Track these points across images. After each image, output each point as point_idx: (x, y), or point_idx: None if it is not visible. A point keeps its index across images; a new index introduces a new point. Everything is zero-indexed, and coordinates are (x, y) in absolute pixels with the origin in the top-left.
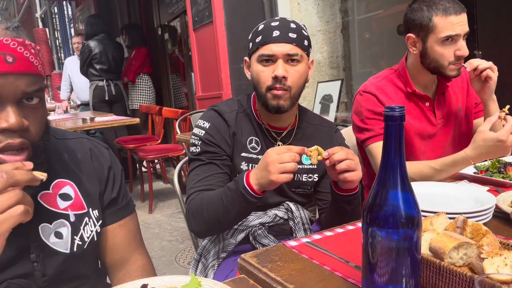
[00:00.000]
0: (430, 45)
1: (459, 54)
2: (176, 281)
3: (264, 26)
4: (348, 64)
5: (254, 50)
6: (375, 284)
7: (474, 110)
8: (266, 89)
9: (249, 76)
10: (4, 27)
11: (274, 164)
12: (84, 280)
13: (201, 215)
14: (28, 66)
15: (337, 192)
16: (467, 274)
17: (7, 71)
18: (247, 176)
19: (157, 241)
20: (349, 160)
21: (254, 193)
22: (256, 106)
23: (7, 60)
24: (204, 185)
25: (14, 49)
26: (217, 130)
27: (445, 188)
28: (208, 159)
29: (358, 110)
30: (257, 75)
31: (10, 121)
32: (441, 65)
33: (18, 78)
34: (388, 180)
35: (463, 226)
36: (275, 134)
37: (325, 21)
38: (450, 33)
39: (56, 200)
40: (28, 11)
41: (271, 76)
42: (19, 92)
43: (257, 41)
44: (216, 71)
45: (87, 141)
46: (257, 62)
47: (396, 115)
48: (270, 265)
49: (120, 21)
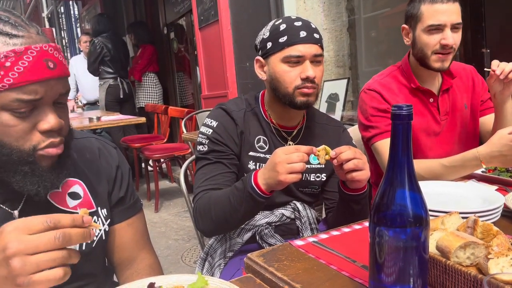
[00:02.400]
0: (418, 34)
1: (444, 43)
2: (183, 280)
3: (287, 26)
4: (354, 63)
5: (277, 50)
6: (383, 283)
7: (480, 108)
8: (294, 88)
9: (262, 76)
10: (35, 32)
11: (283, 164)
12: (92, 278)
13: (209, 214)
14: (65, 70)
15: (345, 191)
16: (472, 274)
17: (50, 77)
18: (255, 175)
19: (163, 240)
20: (357, 159)
21: (262, 193)
22: (265, 106)
23: (49, 66)
24: (211, 184)
25: (52, 55)
26: (224, 129)
27: (453, 187)
28: (216, 158)
29: (363, 108)
30: (281, 75)
31: (52, 123)
32: (425, 55)
33: (57, 82)
34: (396, 179)
35: (474, 226)
36: (284, 133)
37: (331, 20)
38: (434, 21)
39: (66, 199)
40: (35, 11)
41: (299, 77)
42: (57, 95)
43: (282, 41)
44: (222, 70)
45: (96, 141)
46: (281, 63)
47: (404, 113)
48: (277, 264)
49: (126, 20)
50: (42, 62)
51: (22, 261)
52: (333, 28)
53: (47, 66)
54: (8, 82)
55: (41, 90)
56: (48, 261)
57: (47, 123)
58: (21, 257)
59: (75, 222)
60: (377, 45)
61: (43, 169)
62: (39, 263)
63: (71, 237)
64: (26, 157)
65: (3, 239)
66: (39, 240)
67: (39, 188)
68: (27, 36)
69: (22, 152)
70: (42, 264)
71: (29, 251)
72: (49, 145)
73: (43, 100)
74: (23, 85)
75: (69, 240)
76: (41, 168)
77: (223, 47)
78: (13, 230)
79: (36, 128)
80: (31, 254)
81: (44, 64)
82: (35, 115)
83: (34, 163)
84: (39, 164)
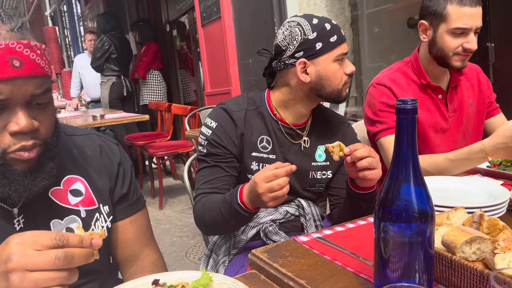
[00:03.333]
0: (440, 34)
1: (467, 47)
2: (187, 276)
3: (332, 26)
4: (357, 59)
5: (328, 50)
6: (388, 279)
7: (487, 109)
8: (343, 84)
9: (305, 79)
10: (9, 28)
11: (265, 194)
12: (96, 275)
13: (203, 219)
14: (35, 69)
15: (354, 190)
16: (478, 269)
17: (16, 76)
18: (240, 194)
19: (167, 237)
20: (371, 158)
21: (249, 210)
22: (273, 105)
23: (14, 64)
24: (209, 188)
25: (21, 53)
26: (223, 130)
27: (458, 183)
28: (213, 162)
29: (371, 102)
30: (334, 73)
31: (21, 124)
32: (446, 55)
33: (26, 81)
34: (401, 174)
35: (479, 221)
36: (293, 130)
37: (334, 15)
38: (461, 25)
39: (67, 196)
40: (38, 10)
41: (345, 74)
42: (28, 95)
43: (333, 40)
44: (225, 67)
45: (97, 137)
46: (333, 62)
47: (409, 108)
48: (281, 260)
49: (128, 19)
50: (5, 60)
51: (21, 277)
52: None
53: (12, 64)
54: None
55: (6, 90)
56: (47, 280)
57: (16, 125)
58: (21, 272)
59: (84, 244)
60: (380, 40)
61: (15, 172)
62: (38, 281)
63: (74, 258)
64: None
65: (8, 249)
66: (40, 257)
67: (9, 191)
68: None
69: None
70: (40, 283)
71: (28, 267)
72: (20, 148)
73: (11, 101)
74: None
75: (70, 261)
76: (13, 171)
77: (225, 44)
78: (20, 243)
79: (6, 129)
80: (31, 271)
81: (8, 62)
82: (4, 116)
83: (5, 165)
84: (11, 166)
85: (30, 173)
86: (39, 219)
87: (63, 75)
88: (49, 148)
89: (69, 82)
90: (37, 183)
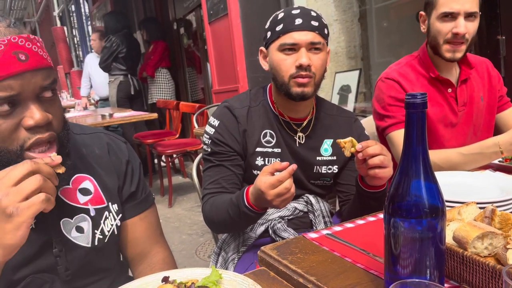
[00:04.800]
0: (432, 21)
1: (455, 31)
2: (197, 273)
3: (284, 14)
4: (366, 54)
5: (274, 39)
6: (398, 275)
7: (498, 103)
8: (289, 77)
9: (265, 67)
10: (6, 25)
11: (274, 200)
12: (107, 273)
13: (212, 219)
14: (40, 61)
15: (363, 188)
16: (490, 264)
17: (24, 69)
18: (247, 197)
19: (177, 235)
20: (383, 156)
21: (257, 211)
22: (273, 98)
23: (20, 58)
24: (216, 188)
25: (23, 46)
26: (226, 128)
27: (470, 178)
28: (218, 161)
29: (380, 97)
30: (278, 64)
31: (37, 117)
32: (438, 43)
33: (34, 74)
34: (411, 169)
35: (491, 216)
36: (293, 125)
37: (342, 10)
38: (448, 9)
39: (76, 195)
40: (46, 10)
41: (294, 65)
42: (37, 88)
43: (278, 29)
44: (232, 64)
45: (105, 136)
46: (278, 51)
47: (418, 102)
48: (291, 257)
49: (136, 17)
50: (11, 55)
51: (5, 193)
52: (344, 19)
53: (18, 59)
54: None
55: (16, 85)
56: (28, 186)
57: (31, 119)
58: (14, 206)
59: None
60: (389, 35)
61: None
62: (21, 190)
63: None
64: (15, 157)
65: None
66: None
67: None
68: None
69: (11, 153)
70: (24, 191)
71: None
72: (37, 142)
73: (23, 95)
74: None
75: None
76: None
77: (233, 41)
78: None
79: (21, 125)
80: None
81: (14, 57)
82: (18, 112)
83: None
84: None
85: None
86: (49, 218)
87: (72, 75)
88: (63, 144)
89: (78, 82)
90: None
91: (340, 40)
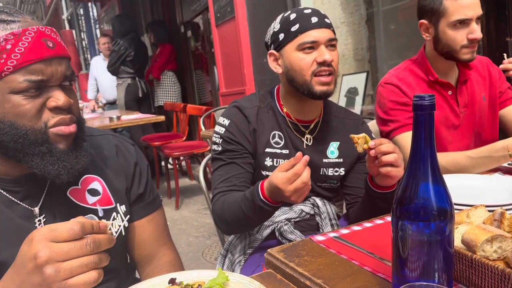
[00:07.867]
0: (442, 30)
1: (472, 38)
2: (204, 275)
3: (297, 15)
4: (373, 56)
5: (290, 39)
6: (406, 278)
7: (499, 100)
8: (311, 75)
9: (277, 70)
10: (30, 18)
11: (292, 195)
12: (114, 274)
13: (224, 217)
14: (64, 50)
15: (373, 188)
16: (499, 268)
17: (52, 55)
18: (262, 190)
19: (184, 237)
20: (396, 154)
21: (272, 204)
22: (281, 100)
23: (48, 45)
24: (227, 186)
25: (49, 35)
26: (236, 127)
27: (478, 180)
28: (229, 159)
29: (381, 102)
30: (297, 63)
31: (61, 100)
32: (454, 50)
33: (60, 62)
34: (419, 171)
35: (501, 219)
36: (301, 127)
37: (349, 13)
38: (461, 16)
39: (85, 195)
40: (55, 14)
41: (315, 62)
42: (62, 76)
43: (294, 29)
44: (239, 67)
45: (113, 138)
46: (296, 51)
47: (426, 104)
48: (297, 259)
49: (143, 20)
50: (41, 41)
51: (55, 268)
52: (351, 21)
53: (47, 45)
54: (12, 64)
55: (46, 70)
56: (81, 266)
57: (56, 100)
58: (54, 264)
59: (94, 228)
60: (397, 37)
61: (60, 150)
62: (72, 268)
63: (101, 243)
64: (41, 135)
65: (34, 247)
66: (70, 246)
67: (59, 168)
68: (23, 20)
69: (36, 131)
70: (75, 270)
71: (60, 258)
72: (60, 121)
73: (50, 82)
74: (27, 65)
75: (99, 246)
76: (58, 149)
77: (240, 43)
78: (42, 239)
79: (46, 106)
80: (63, 261)
81: (43, 43)
82: (43, 95)
83: (50, 143)
84: (55, 145)
85: (71, 151)
86: (58, 218)
87: (80, 78)
88: (82, 128)
89: (86, 85)
90: (80, 160)
91: (347, 43)
